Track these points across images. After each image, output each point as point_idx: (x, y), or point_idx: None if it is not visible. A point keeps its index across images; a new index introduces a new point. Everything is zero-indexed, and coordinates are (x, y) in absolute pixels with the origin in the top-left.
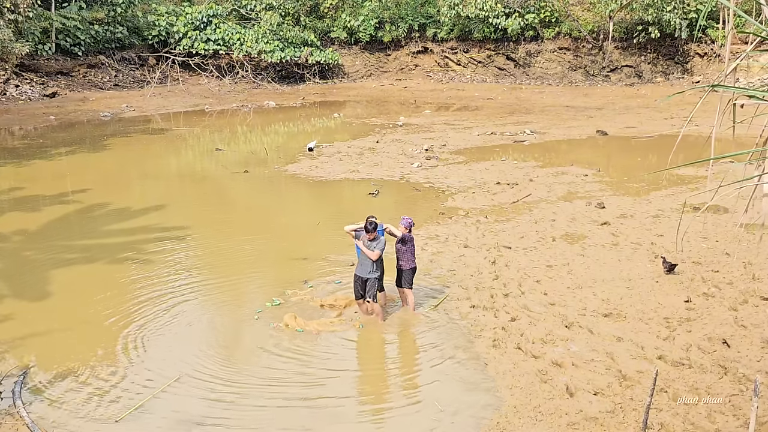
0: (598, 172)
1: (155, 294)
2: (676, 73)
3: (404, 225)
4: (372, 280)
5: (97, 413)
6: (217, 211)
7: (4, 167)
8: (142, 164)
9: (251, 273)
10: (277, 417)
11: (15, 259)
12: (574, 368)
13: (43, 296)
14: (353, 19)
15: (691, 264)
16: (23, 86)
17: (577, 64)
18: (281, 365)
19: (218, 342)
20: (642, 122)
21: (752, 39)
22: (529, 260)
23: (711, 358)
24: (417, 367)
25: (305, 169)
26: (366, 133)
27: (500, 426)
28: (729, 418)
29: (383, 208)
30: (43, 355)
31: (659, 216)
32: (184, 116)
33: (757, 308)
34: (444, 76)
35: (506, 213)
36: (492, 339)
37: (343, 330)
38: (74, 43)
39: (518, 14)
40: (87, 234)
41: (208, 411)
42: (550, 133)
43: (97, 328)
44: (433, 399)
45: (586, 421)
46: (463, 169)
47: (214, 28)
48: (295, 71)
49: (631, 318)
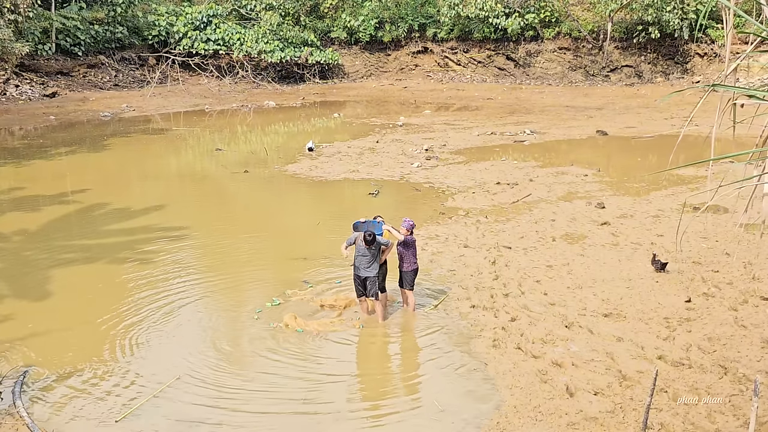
0: (598, 172)
1: (155, 294)
2: (676, 73)
3: (406, 227)
4: (371, 278)
5: (97, 413)
6: (217, 211)
7: (4, 167)
8: (142, 164)
9: (251, 273)
10: (277, 417)
11: (15, 259)
12: (574, 368)
13: (43, 296)
14: (353, 19)
15: (691, 264)
16: (23, 86)
17: (577, 64)
18: (281, 365)
19: (218, 342)
20: (642, 122)
21: (752, 39)
22: (529, 260)
23: (711, 358)
24: (417, 367)
25: (305, 169)
26: (366, 133)
27: (500, 426)
28: (729, 418)
29: (383, 208)
30: (43, 355)
31: (659, 216)
32: (184, 116)
33: (757, 308)
34: (444, 76)
35: (506, 213)
36: (492, 339)
37: (343, 330)
38: (74, 43)
39: (518, 14)
40: (87, 234)
41: (207, 411)
42: (550, 133)
43: (97, 328)
44: (433, 399)
45: (586, 421)
46: (463, 169)
47: (214, 28)
48: (295, 71)
49: (631, 318)
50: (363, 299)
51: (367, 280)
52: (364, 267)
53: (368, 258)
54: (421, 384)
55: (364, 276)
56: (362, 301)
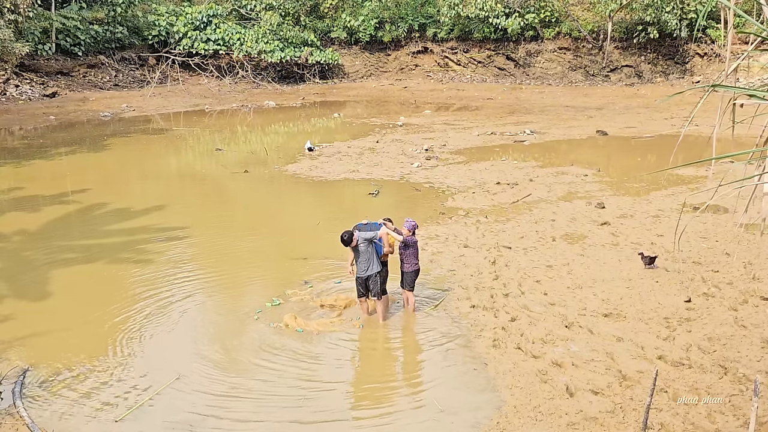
0: (598, 172)
1: (155, 294)
2: (676, 73)
3: (408, 228)
4: (372, 277)
5: (97, 413)
6: (217, 211)
7: (4, 167)
8: (142, 164)
9: (251, 273)
10: (277, 417)
11: (15, 259)
12: (574, 368)
13: (43, 296)
14: (353, 19)
15: (691, 264)
16: (23, 86)
17: (577, 64)
18: (281, 365)
19: (218, 342)
20: (642, 122)
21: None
22: (529, 260)
23: (711, 358)
24: (417, 367)
25: (305, 169)
26: (366, 133)
27: (500, 426)
28: (729, 418)
29: (383, 208)
30: (43, 355)
31: (659, 216)
32: (184, 116)
33: (757, 308)
34: (444, 76)
35: (506, 213)
36: (492, 339)
37: (343, 330)
38: (74, 43)
39: (518, 14)
40: (87, 234)
41: (207, 411)
42: (550, 133)
43: (97, 328)
44: (432, 399)
45: (586, 421)
46: (463, 169)
47: (214, 28)
48: (295, 71)
49: (631, 318)
50: (363, 299)
51: (368, 279)
52: (363, 267)
53: (366, 256)
54: (421, 384)
55: (365, 276)
56: (363, 302)
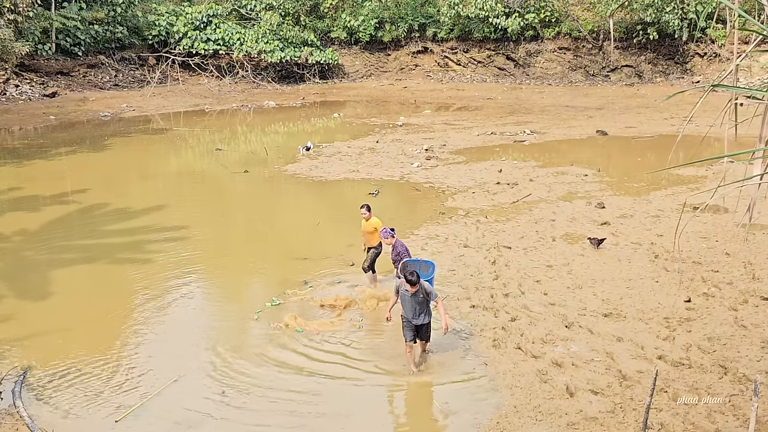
0: (598, 172)
1: (155, 294)
2: (676, 73)
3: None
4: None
5: (97, 413)
6: (216, 211)
7: (4, 167)
8: (142, 164)
9: (251, 273)
10: (277, 417)
11: (15, 259)
12: (574, 368)
13: (43, 296)
14: (353, 19)
15: (691, 264)
16: (23, 86)
17: (577, 64)
18: (281, 365)
19: (218, 342)
20: (642, 122)
21: (753, 39)
22: (529, 260)
23: (711, 358)
24: (416, 367)
25: (305, 169)
26: (366, 133)
27: (500, 426)
28: (729, 418)
29: (383, 208)
30: (43, 355)
31: (659, 216)
32: (184, 116)
33: (757, 308)
34: (444, 76)
35: (506, 213)
36: (492, 339)
37: (342, 330)
38: (74, 43)
39: (518, 14)
40: (87, 234)
41: (207, 411)
42: (550, 133)
43: (97, 328)
44: (432, 399)
45: (586, 421)
46: (463, 169)
47: (214, 28)
48: (295, 71)
49: (631, 318)
50: (411, 344)
51: (421, 328)
52: (414, 315)
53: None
54: (421, 384)
55: (417, 324)
56: (411, 347)
